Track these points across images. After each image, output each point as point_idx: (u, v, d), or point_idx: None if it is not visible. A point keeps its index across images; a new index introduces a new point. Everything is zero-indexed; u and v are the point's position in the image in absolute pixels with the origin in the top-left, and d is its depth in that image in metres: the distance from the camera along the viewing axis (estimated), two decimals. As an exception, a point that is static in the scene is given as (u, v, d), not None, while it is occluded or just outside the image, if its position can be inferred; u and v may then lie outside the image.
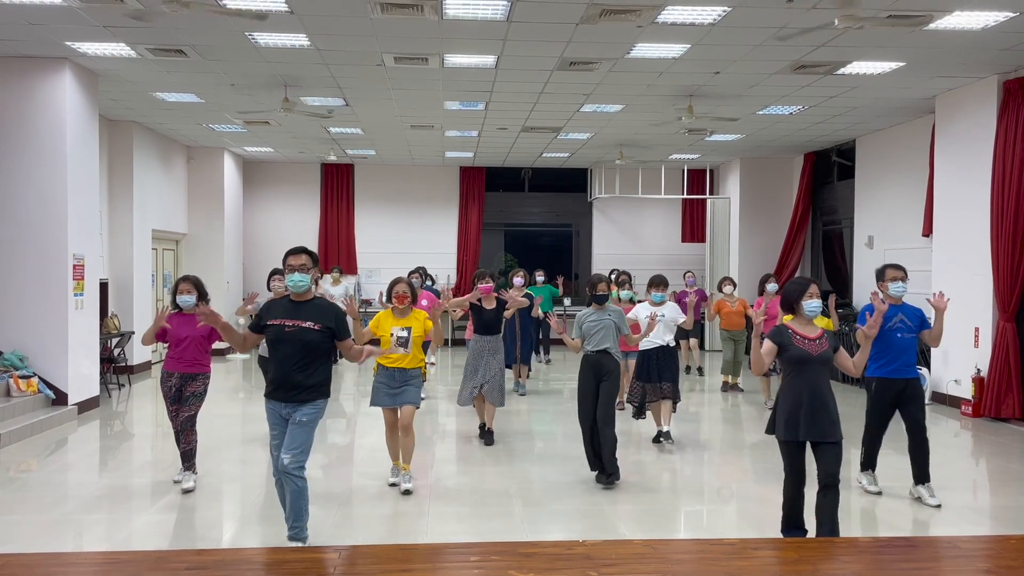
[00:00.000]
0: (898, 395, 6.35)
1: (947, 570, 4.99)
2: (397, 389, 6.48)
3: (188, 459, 6.60)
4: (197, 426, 6.63)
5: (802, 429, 5.04)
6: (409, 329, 6.43)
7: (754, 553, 5.20)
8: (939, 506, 6.33)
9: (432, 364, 11.22)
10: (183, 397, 6.51)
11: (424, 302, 10.53)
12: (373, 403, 6.57)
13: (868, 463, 6.62)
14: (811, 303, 5.21)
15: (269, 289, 7.96)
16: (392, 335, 6.39)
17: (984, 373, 9.77)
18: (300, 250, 5.10)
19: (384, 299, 6.83)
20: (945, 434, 9.29)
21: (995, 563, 5.16)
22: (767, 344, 5.22)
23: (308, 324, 4.97)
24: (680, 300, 13.18)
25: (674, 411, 8.28)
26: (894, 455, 8.09)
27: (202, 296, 6.52)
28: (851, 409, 10.47)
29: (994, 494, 6.92)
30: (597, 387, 6.73)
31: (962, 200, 10.32)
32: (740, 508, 6.24)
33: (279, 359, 5.01)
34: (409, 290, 6.49)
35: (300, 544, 5.11)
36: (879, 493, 6.54)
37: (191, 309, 6.46)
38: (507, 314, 8.48)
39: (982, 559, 5.27)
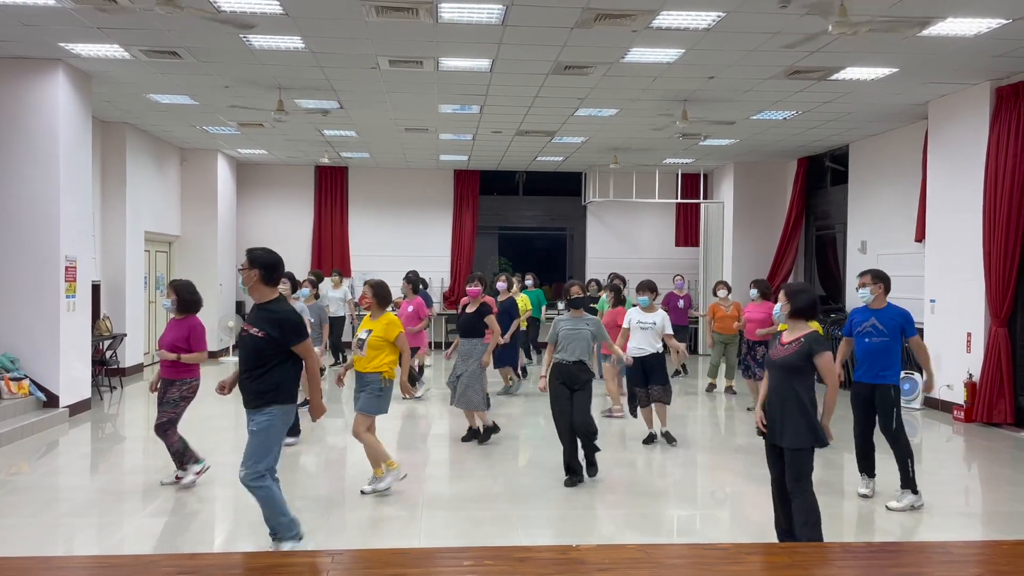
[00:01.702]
0: (867, 400, 6.38)
1: (939, 575, 5.01)
2: (356, 395, 6.51)
3: (178, 460, 6.67)
4: (176, 429, 6.62)
5: (769, 432, 5.07)
6: (369, 332, 6.41)
7: (747, 558, 5.20)
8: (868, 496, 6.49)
9: (419, 397, 11.18)
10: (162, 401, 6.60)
11: (410, 308, 10.53)
12: None
13: (861, 467, 6.63)
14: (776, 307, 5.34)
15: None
16: (355, 337, 6.52)
17: (976, 378, 9.80)
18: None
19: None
20: (937, 439, 9.31)
21: (987, 568, 5.17)
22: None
23: (254, 330, 4.90)
24: (671, 303, 13.22)
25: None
26: (889, 459, 8.10)
27: (182, 301, 6.62)
28: (848, 413, 10.48)
29: (986, 499, 6.93)
30: (571, 395, 6.81)
31: (955, 205, 10.35)
32: (734, 512, 6.24)
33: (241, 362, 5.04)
34: (370, 291, 6.55)
35: (294, 543, 5.07)
36: (867, 496, 6.54)
37: (175, 313, 6.69)
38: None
39: (974, 564, 5.28)
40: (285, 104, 10.33)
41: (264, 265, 4.93)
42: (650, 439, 8.43)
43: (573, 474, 6.80)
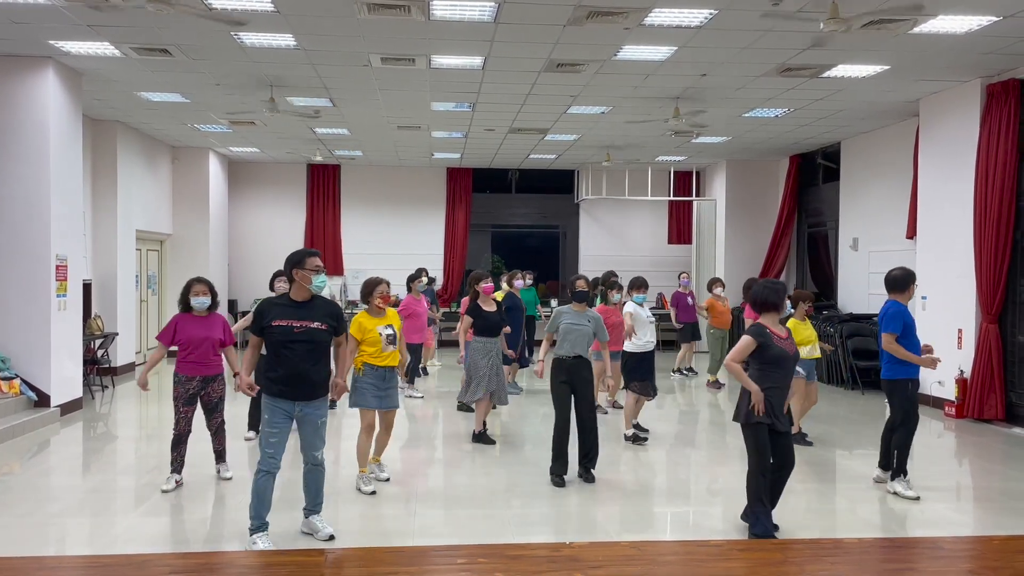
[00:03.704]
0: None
1: (931, 570, 5.03)
2: (384, 391, 6.54)
3: (222, 457, 6.94)
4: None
5: (773, 417, 5.43)
6: (392, 326, 6.55)
7: (740, 554, 5.22)
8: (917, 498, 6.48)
9: (420, 397, 11.33)
10: (211, 403, 6.68)
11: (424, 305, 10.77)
12: (359, 404, 6.52)
13: (902, 468, 6.63)
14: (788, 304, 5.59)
15: (272, 290, 8.09)
16: (380, 334, 6.43)
17: (967, 374, 9.84)
18: (317, 252, 5.37)
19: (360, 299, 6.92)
20: (928, 435, 9.34)
21: (978, 563, 5.21)
22: (747, 340, 5.50)
23: (316, 324, 5.17)
24: (680, 302, 13.21)
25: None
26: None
27: (215, 298, 6.70)
28: (840, 411, 10.52)
29: (977, 495, 6.96)
30: (571, 391, 6.81)
31: (946, 202, 10.39)
32: (726, 509, 6.25)
33: (291, 359, 5.11)
34: (389, 290, 6.67)
35: (317, 516, 5.47)
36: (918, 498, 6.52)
37: (203, 311, 6.60)
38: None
39: (965, 559, 5.31)
40: (277, 102, 10.30)
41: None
42: (638, 436, 8.48)
43: (558, 475, 6.79)
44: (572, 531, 5.73)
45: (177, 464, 6.66)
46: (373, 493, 6.48)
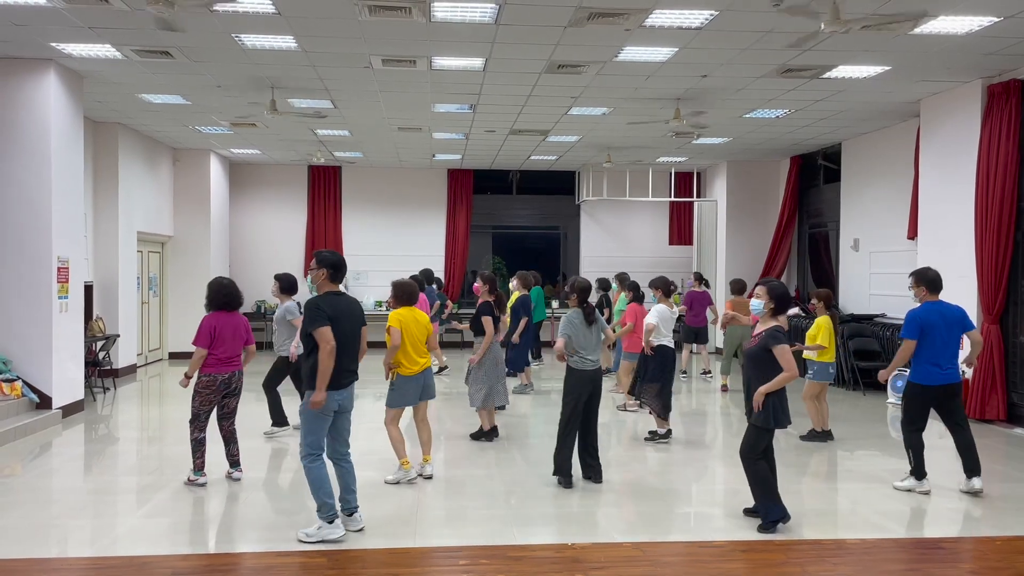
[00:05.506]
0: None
1: (933, 571, 5.03)
2: None
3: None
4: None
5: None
6: None
7: (743, 555, 5.23)
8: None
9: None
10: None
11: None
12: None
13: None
14: (753, 301, 5.88)
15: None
16: None
17: (968, 375, 9.82)
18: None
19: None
20: (930, 436, 9.30)
21: (980, 564, 5.21)
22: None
23: None
24: (695, 301, 13.04)
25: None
26: (882, 455, 8.13)
27: None
28: (841, 411, 10.51)
29: (978, 495, 6.95)
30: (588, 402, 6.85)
31: (947, 203, 10.39)
32: (728, 510, 6.25)
33: None
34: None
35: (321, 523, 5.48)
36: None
37: None
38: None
39: (967, 560, 5.31)
40: (278, 104, 10.30)
41: (331, 264, 5.66)
42: (666, 435, 8.50)
43: (569, 476, 6.79)
44: (576, 532, 5.72)
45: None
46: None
